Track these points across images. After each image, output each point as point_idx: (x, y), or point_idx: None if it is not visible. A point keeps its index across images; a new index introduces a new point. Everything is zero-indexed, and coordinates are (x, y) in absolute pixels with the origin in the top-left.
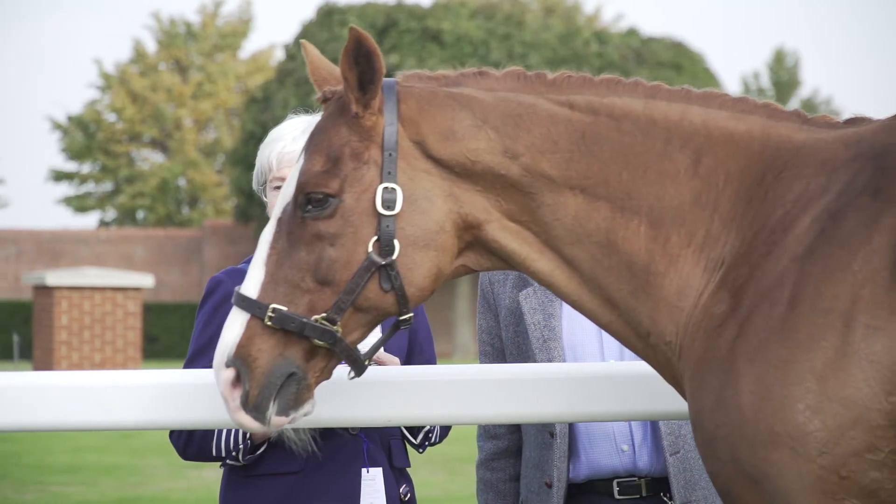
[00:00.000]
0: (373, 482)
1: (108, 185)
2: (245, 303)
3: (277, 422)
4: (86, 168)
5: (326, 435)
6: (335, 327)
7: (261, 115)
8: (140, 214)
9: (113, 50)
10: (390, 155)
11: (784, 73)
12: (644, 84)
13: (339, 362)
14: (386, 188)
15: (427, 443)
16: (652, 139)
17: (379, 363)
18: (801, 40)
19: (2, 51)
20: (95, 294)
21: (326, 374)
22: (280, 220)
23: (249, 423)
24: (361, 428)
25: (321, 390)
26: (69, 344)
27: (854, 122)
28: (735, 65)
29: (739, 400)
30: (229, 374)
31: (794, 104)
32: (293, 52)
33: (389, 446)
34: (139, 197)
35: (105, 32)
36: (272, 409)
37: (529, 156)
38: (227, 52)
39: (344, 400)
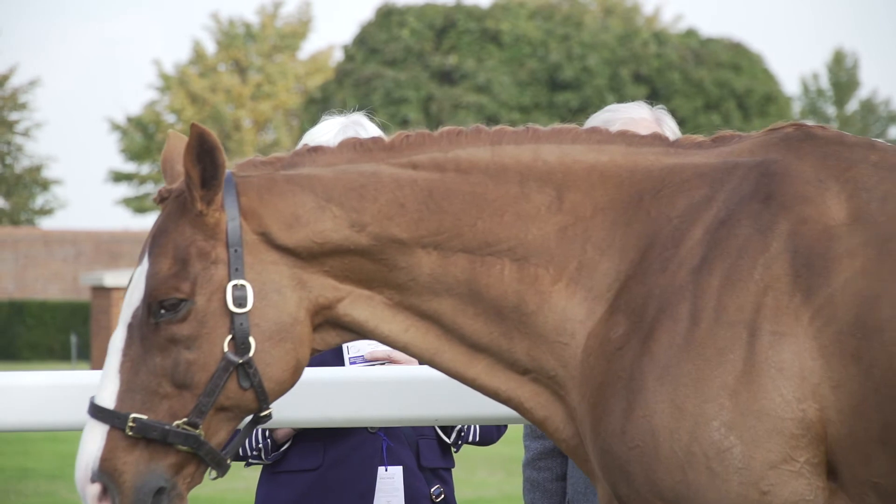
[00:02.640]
0: (391, 481)
1: None
2: (103, 414)
3: None
4: (145, 169)
5: (346, 432)
6: (198, 431)
7: (320, 115)
8: None
9: (172, 51)
10: (236, 251)
11: (843, 74)
12: (487, 130)
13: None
14: (235, 285)
15: (461, 441)
16: (505, 184)
17: (394, 362)
18: (861, 41)
19: (61, 52)
20: None
21: (198, 477)
22: (131, 326)
23: None
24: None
25: (330, 390)
26: None
27: (723, 139)
28: (794, 66)
29: (652, 421)
30: (95, 489)
31: (853, 105)
32: (352, 52)
33: (418, 445)
34: None
35: (164, 34)
36: None
37: (377, 224)
38: (286, 53)
39: (354, 399)
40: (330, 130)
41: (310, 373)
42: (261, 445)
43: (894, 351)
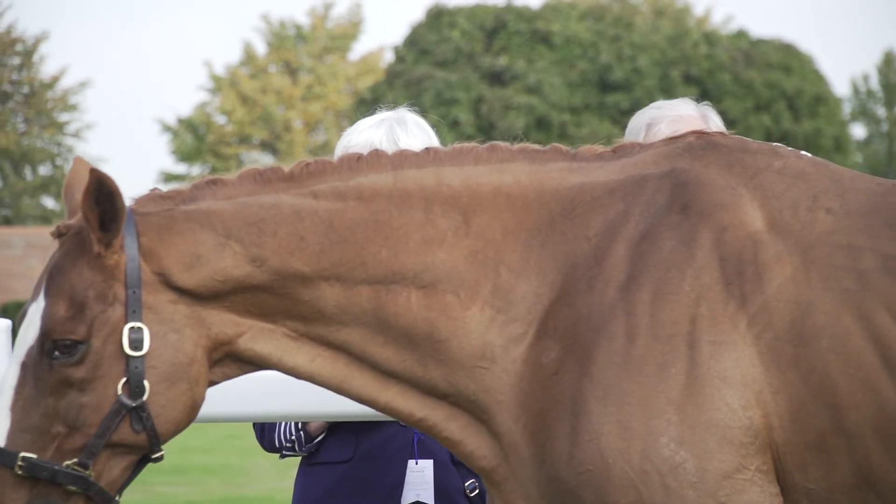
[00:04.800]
0: (421, 474)
1: None
2: None
3: None
4: (195, 170)
5: (378, 425)
6: (88, 472)
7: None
8: None
9: (223, 52)
10: (134, 293)
11: (893, 76)
12: (387, 156)
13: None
14: (132, 328)
15: None
16: (409, 211)
17: None
18: None
19: (112, 54)
20: None
21: None
22: (24, 365)
23: None
24: None
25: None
26: None
27: (624, 150)
28: (844, 67)
29: (600, 444)
30: None
31: None
32: (402, 53)
33: None
34: None
35: (215, 35)
36: None
37: (278, 259)
38: (336, 54)
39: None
40: (365, 127)
41: None
42: (293, 437)
43: (830, 358)
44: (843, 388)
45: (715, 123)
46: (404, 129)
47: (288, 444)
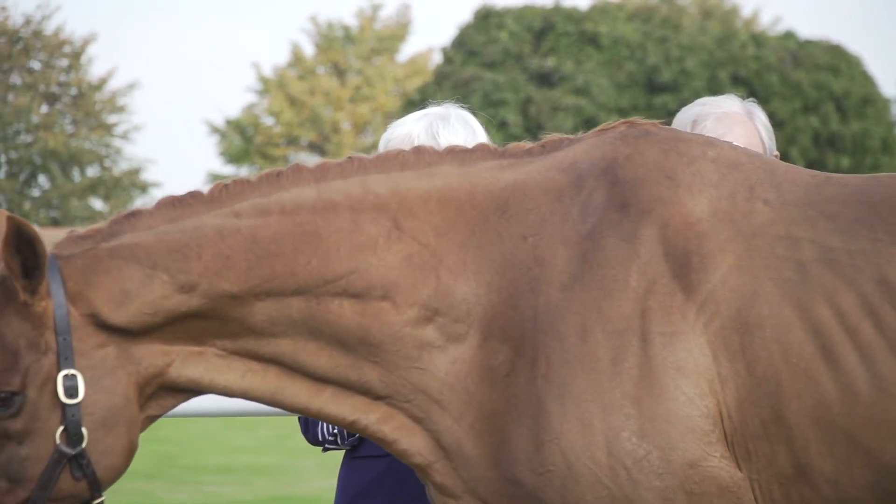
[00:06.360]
0: None
1: None
2: None
3: None
4: (244, 171)
5: None
6: None
7: None
8: None
9: (271, 54)
10: (64, 339)
11: None
12: (309, 169)
13: None
14: (66, 375)
15: None
16: (336, 220)
17: None
18: None
19: (160, 55)
20: None
21: None
22: None
23: None
24: None
25: None
26: None
27: (553, 144)
28: (893, 67)
29: (560, 443)
30: None
31: None
32: (451, 55)
33: None
34: None
35: (263, 36)
36: None
37: (206, 282)
38: (384, 56)
39: None
40: (409, 120)
41: None
42: (336, 431)
43: (774, 348)
44: (785, 378)
45: (760, 121)
46: (446, 125)
47: (330, 438)
